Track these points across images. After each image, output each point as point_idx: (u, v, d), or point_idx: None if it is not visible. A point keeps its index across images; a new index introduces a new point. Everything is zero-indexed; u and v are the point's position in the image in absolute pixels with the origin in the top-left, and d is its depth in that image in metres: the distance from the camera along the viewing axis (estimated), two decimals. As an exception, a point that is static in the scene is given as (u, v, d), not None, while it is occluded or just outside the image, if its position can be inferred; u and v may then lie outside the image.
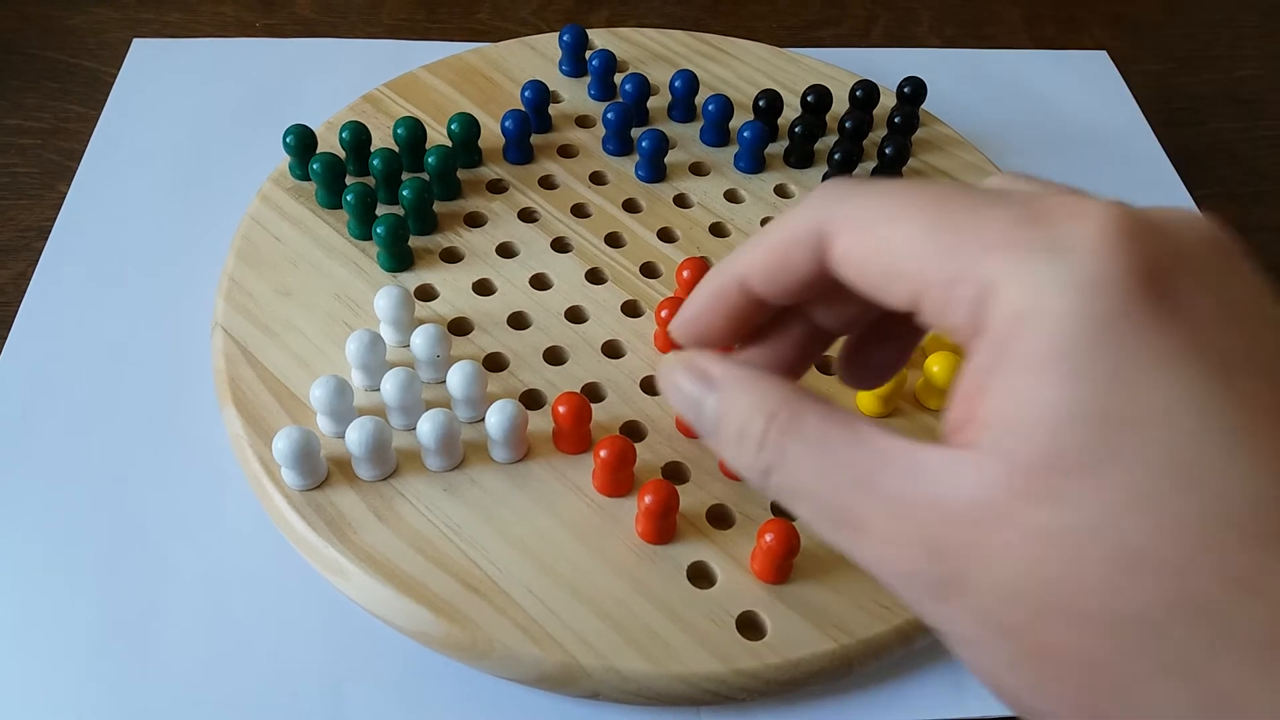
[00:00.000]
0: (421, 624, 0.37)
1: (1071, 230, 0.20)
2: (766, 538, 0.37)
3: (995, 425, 0.19)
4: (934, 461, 0.20)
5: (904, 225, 0.21)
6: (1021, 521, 0.19)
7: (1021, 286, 0.19)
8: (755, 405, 0.23)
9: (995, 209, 0.21)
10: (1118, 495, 0.18)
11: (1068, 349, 0.19)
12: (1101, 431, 0.18)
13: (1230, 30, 0.73)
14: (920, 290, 0.21)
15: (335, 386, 0.40)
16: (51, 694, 0.37)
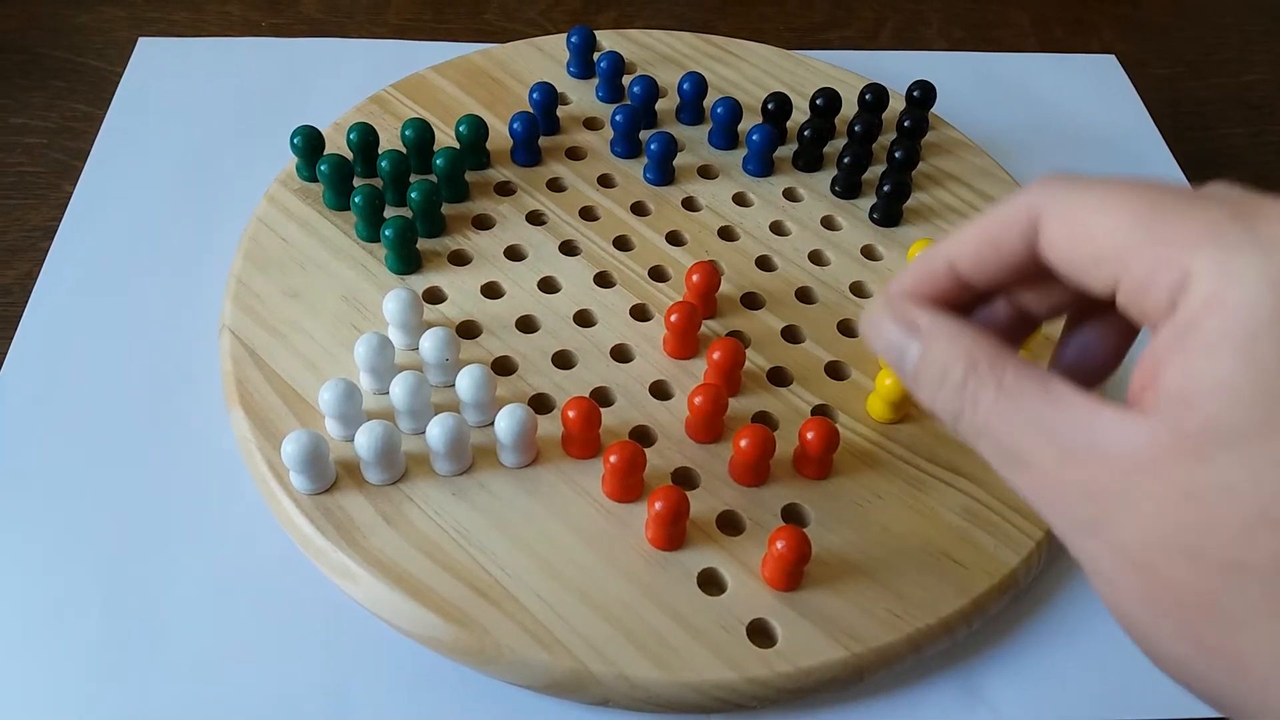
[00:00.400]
0: (429, 628, 0.37)
1: (1269, 228, 0.21)
2: (778, 545, 0.37)
3: (1170, 394, 0.22)
4: (1108, 416, 0.23)
5: (1114, 214, 0.23)
6: (1171, 476, 0.21)
7: (1218, 274, 0.21)
8: (958, 354, 0.25)
9: (1204, 206, 0.22)
10: (1265, 464, 0.20)
11: (1249, 334, 0.21)
12: (1265, 409, 0.20)
13: (1239, 35, 0.73)
14: (1122, 274, 0.23)
15: (344, 390, 0.40)
16: (58, 695, 0.36)
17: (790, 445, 0.42)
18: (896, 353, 0.27)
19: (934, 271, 0.27)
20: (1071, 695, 0.39)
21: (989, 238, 0.26)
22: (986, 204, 0.54)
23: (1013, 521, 0.41)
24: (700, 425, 0.42)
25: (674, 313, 0.44)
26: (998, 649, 0.40)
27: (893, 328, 0.27)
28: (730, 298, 0.48)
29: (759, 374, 0.45)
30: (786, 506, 0.41)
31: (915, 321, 0.27)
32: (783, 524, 0.39)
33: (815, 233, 0.52)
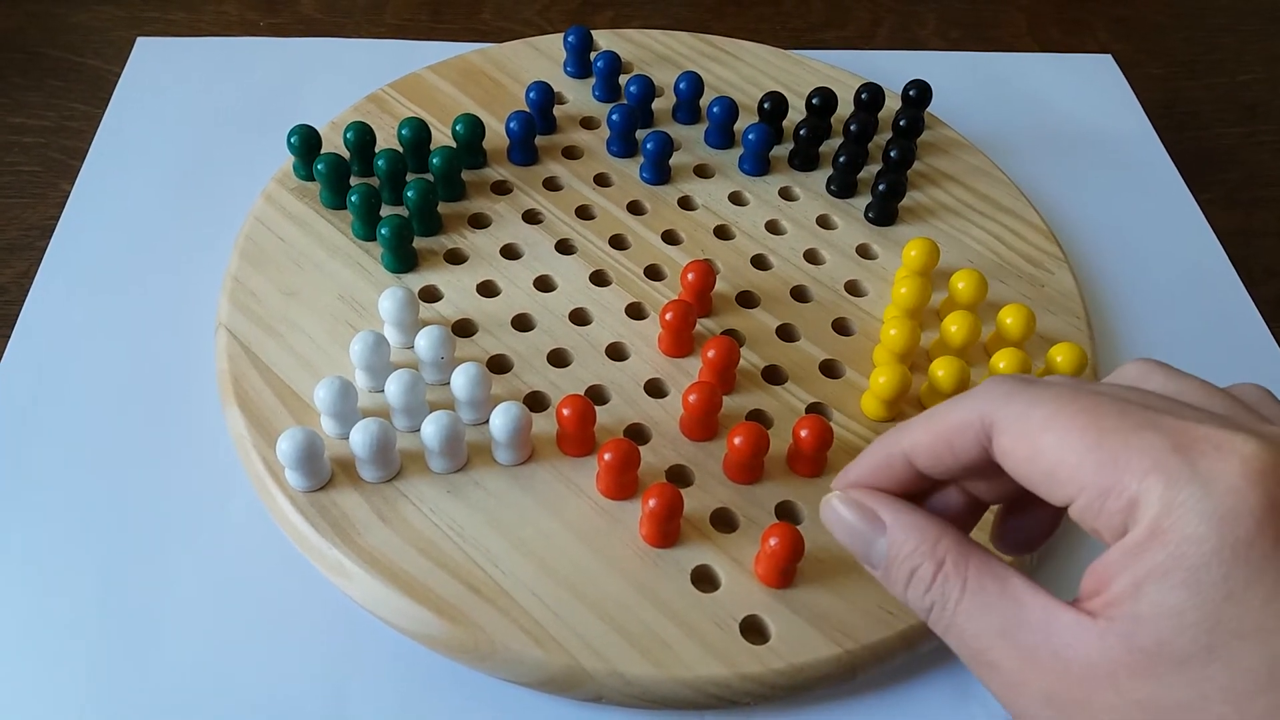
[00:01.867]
0: (424, 625, 0.37)
1: (1214, 466, 0.23)
2: (770, 542, 0.37)
3: (1122, 608, 0.24)
4: (1065, 620, 0.25)
5: (1063, 437, 0.25)
6: (1126, 690, 0.23)
7: (1163, 508, 0.23)
8: (926, 551, 0.28)
9: (1146, 435, 0.24)
10: (1210, 687, 0.23)
11: (1192, 568, 0.23)
12: (1210, 637, 0.23)
13: (1234, 35, 0.73)
14: (1075, 495, 0.25)
15: (339, 388, 0.40)
16: (54, 693, 0.37)
17: (784, 443, 0.42)
18: (862, 543, 0.29)
19: (891, 463, 0.29)
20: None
21: (944, 439, 0.28)
22: (982, 203, 0.54)
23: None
24: (695, 423, 0.42)
25: (669, 311, 0.44)
26: (991, 646, 0.40)
27: (855, 519, 0.29)
28: (725, 296, 0.48)
29: (754, 372, 0.45)
30: (780, 504, 0.41)
31: (878, 515, 0.29)
32: (776, 521, 0.39)
33: (811, 232, 0.52)
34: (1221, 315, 0.53)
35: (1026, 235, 0.53)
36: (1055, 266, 0.51)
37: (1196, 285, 0.54)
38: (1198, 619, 0.23)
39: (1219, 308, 0.54)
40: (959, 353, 0.45)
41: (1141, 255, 0.55)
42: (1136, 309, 0.53)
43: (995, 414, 0.27)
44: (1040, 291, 0.50)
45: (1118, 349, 0.51)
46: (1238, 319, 0.53)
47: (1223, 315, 0.53)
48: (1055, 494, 0.26)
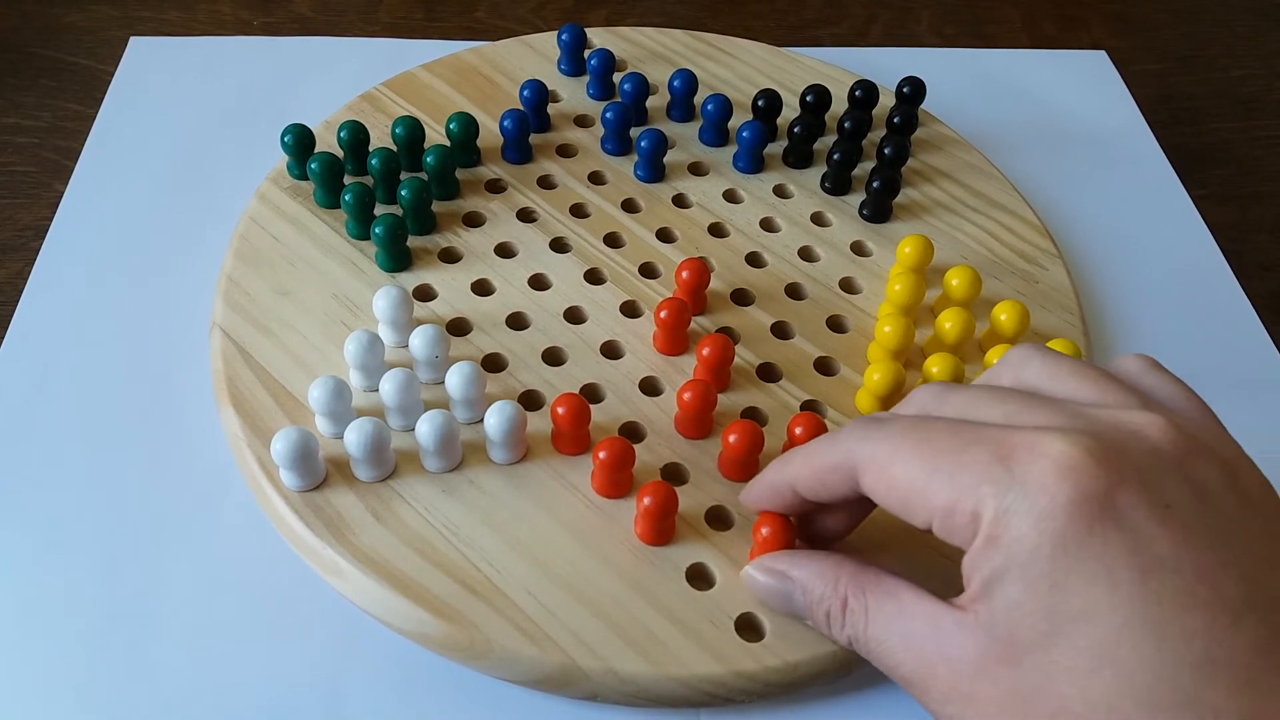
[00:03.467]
0: (420, 625, 0.37)
1: (1029, 470, 0.27)
2: (762, 532, 0.37)
3: (980, 605, 0.27)
4: (946, 623, 0.28)
5: (908, 467, 0.29)
6: (998, 679, 0.27)
7: (994, 514, 0.27)
8: (829, 592, 0.32)
9: (973, 451, 0.28)
10: (1054, 670, 0.26)
11: (1025, 564, 0.26)
12: (1048, 625, 0.26)
13: (1229, 30, 0.73)
14: (930, 518, 0.29)
15: (334, 387, 0.40)
16: (48, 694, 0.37)
17: (779, 440, 0.42)
18: (783, 600, 0.34)
19: (779, 489, 0.34)
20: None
21: (820, 476, 0.32)
22: (977, 199, 0.54)
23: None
24: (690, 421, 0.42)
25: (664, 309, 0.44)
26: (986, 642, 0.40)
27: (770, 581, 0.35)
28: (720, 294, 0.48)
29: (748, 370, 0.45)
30: (775, 502, 0.41)
31: (785, 571, 0.34)
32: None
33: (805, 229, 0.52)
34: (1216, 311, 0.53)
35: (1021, 231, 0.53)
36: (1049, 263, 0.51)
37: (1191, 281, 0.54)
38: (1034, 609, 0.26)
39: (1213, 303, 0.54)
40: (953, 349, 0.45)
41: (1136, 251, 0.56)
42: (1131, 305, 0.53)
43: (856, 455, 0.31)
44: (1034, 288, 0.50)
45: (1112, 345, 0.51)
46: (1232, 314, 0.53)
47: (1217, 311, 0.53)
48: (916, 519, 0.29)
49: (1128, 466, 0.27)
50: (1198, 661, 0.24)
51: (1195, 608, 0.25)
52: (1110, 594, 0.25)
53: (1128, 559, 0.25)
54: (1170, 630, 0.25)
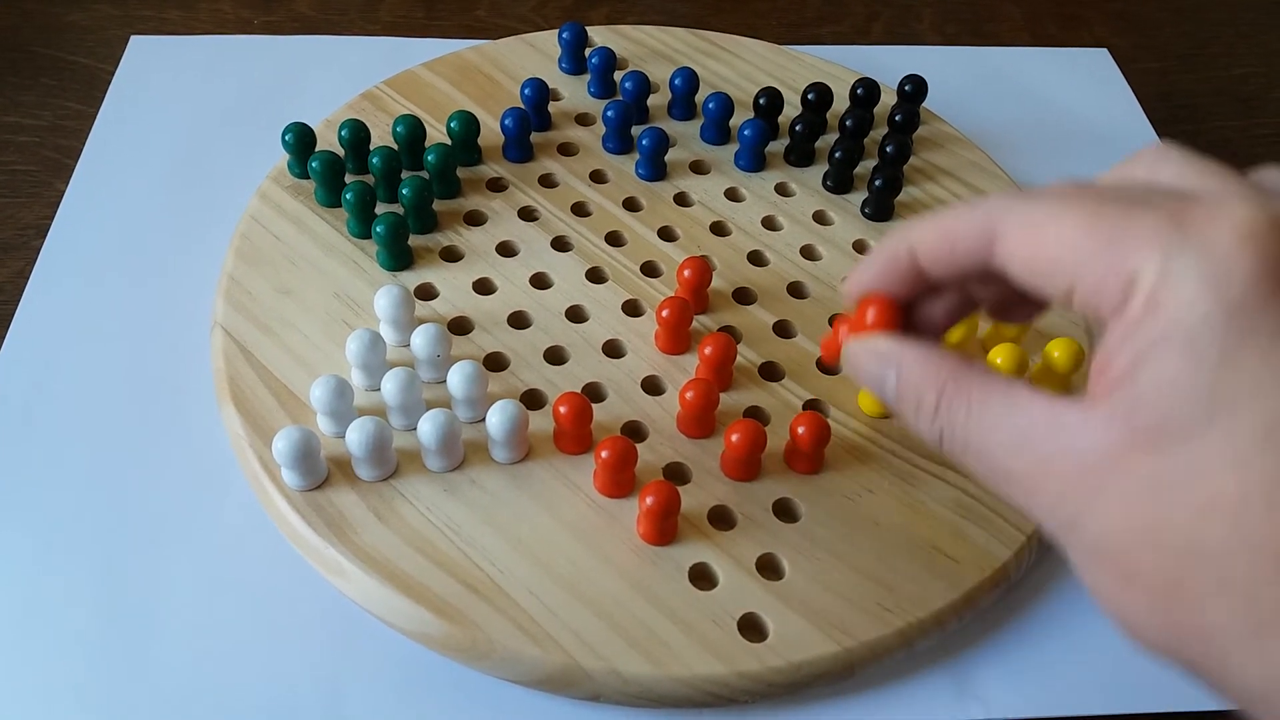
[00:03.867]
0: (421, 624, 0.37)
1: (1207, 234, 0.23)
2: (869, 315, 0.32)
3: (1122, 390, 0.24)
4: (1071, 419, 0.25)
5: (1067, 225, 0.26)
6: (1131, 471, 0.24)
7: (1159, 278, 0.24)
8: (928, 381, 0.29)
9: (1145, 213, 0.24)
10: (1210, 454, 0.23)
11: (1191, 334, 0.23)
12: (1208, 405, 0.23)
13: (1230, 28, 0.73)
14: (1076, 282, 0.25)
15: (335, 386, 0.40)
16: (49, 692, 0.36)
17: (781, 440, 0.42)
18: (879, 384, 0.31)
19: (897, 257, 0.30)
20: (1062, 688, 0.39)
21: (948, 239, 0.29)
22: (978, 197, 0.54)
23: (1004, 515, 0.41)
24: (692, 420, 0.42)
25: (665, 308, 0.44)
26: (989, 643, 0.40)
27: (868, 362, 0.31)
28: (722, 293, 0.48)
29: (750, 369, 0.45)
30: (777, 501, 0.41)
31: (884, 353, 0.30)
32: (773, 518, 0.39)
33: (807, 227, 0.52)
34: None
35: (1023, 230, 0.53)
36: (1052, 261, 0.51)
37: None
38: (1194, 386, 0.23)
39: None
40: (955, 349, 0.45)
41: (1138, 250, 0.55)
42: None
43: (1000, 219, 0.27)
44: (1037, 286, 0.50)
45: (1115, 344, 0.51)
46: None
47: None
48: (1058, 284, 0.26)
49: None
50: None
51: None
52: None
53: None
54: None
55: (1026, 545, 0.41)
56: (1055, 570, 0.42)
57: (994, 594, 0.40)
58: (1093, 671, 0.39)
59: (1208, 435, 0.23)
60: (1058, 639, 0.40)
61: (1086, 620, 0.41)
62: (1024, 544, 0.40)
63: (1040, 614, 0.41)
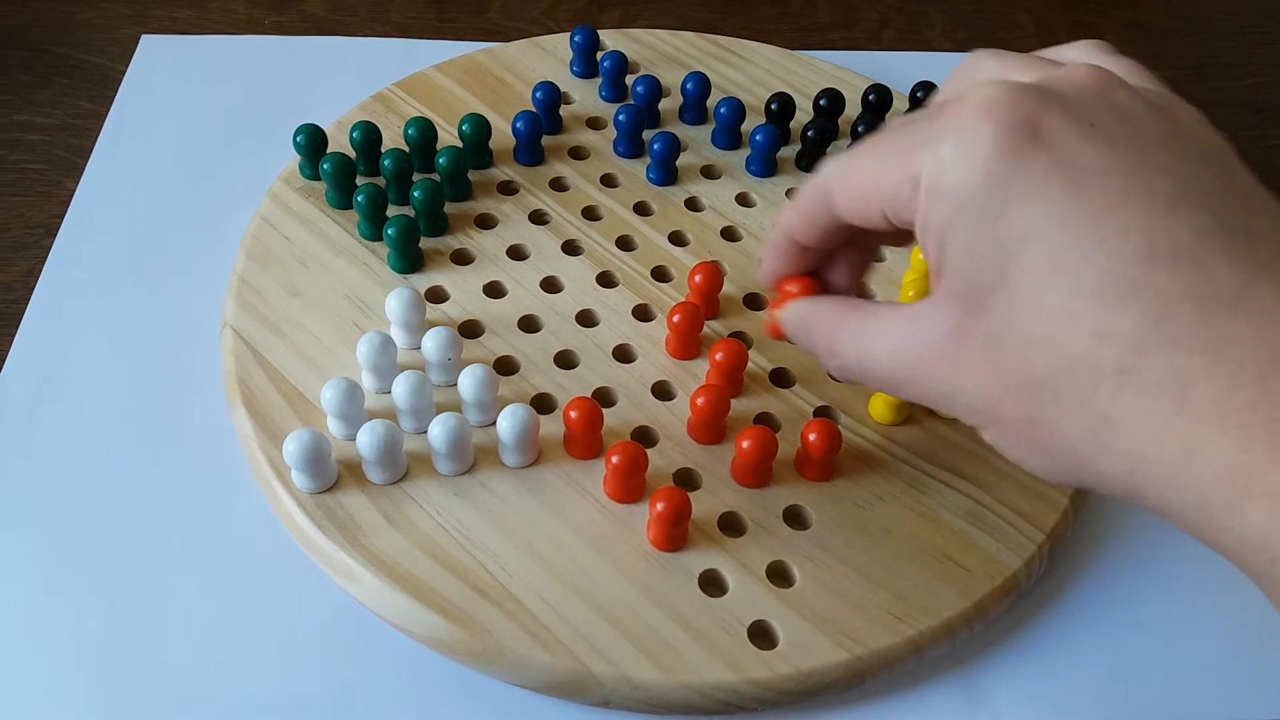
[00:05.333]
0: (431, 628, 0.37)
1: (949, 122, 0.28)
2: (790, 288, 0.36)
3: (944, 273, 0.28)
4: (922, 316, 0.29)
5: (865, 165, 0.30)
6: (972, 334, 0.28)
7: (932, 170, 0.28)
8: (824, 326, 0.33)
9: (914, 125, 0.29)
10: (1015, 299, 0.27)
11: (963, 205, 0.27)
12: (998, 257, 0.27)
13: (1241, 38, 0.73)
14: (883, 204, 0.30)
15: (346, 389, 0.40)
16: (58, 693, 0.36)
17: (792, 447, 0.42)
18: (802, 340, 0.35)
19: (784, 248, 0.35)
20: (1072, 698, 0.39)
21: (806, 216, 0.33)
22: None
23: (1015, 524, 0.41)
24: (702, 426, 0.42)
25: (676, 313, 0.44)
26: (999, 652, 0.40)
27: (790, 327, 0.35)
28: (733, 298, 0.48)
29: (761, 375, 0.45)
30: (788, 508, 0.41)
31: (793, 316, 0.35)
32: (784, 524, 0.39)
33: (818, 234, 0.52)
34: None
35: (1035, 238, 0.53)
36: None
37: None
38: (984, 247, 0.27)
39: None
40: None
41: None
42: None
43: (825, 180, 0.32)
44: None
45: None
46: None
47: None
48: (875, 214, 0.30)
49: (1049, 96, 0.27)
50: (1140, 252, 0.25)
51: (1130, 204, 0.26)
52: (1047, 209, 0.26)
53: (1058, 173, 0.26)
54: (1109, 229, 0.26)
55: (1037, 554, 0.40)
56: (1066, 580, 0.42)
57: (1004, 603, 0.40)
58: (1102, 681, 0.39)
59: (1007, 281, 0.27)
60: (1068, 648, 0.40)
61: (1097, 630, 0.40)
62: (1034, 553, 0.40)
63: (1051, 623, 0.41)
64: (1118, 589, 0.42)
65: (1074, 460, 0.27)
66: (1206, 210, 0.26)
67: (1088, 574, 0.42)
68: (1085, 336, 0.26)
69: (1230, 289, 0.25)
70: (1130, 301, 0.25)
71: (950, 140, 0.27)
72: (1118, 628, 0.40)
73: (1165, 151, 0.27)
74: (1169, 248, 0.25)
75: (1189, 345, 0.25)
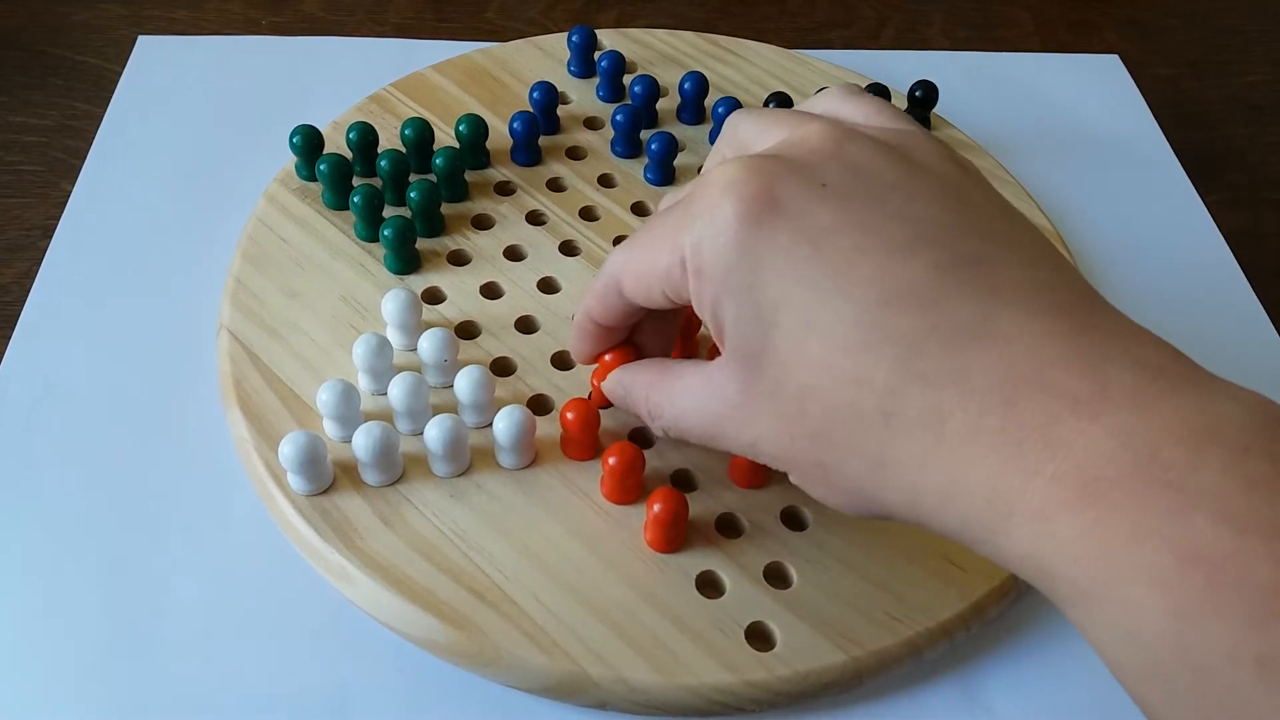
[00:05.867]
0: (427, 630, 0.37)
1: (699, 205, 0.30)
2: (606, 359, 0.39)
3: (724, 339, 0.30)
4: (715, 373, 0.32)
5: (640, 253, 0.33)
6: (757, 393, 0.30)
7: (692, 250, 0.30)
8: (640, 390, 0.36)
9: (671, 213, 0.31)
10: (781, 358, 0.29)
11: (724, 279, 0.29)
12: (760, 323, 0.29)
13: (1241, 35, 0.73)
14: (663, 287, 0.32)
15: (342, 391, 0.39)
16: (54, 697, 0.36)
17: (790, 447, 0.42)
18: (624, 404, 0.38)
19: (588, 330, 0.38)
20: (1070, 699, 0.39)
21: (602, 301, 0.36)
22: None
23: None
24: (699, 427, 0.42)
25: (674, 314, 0.44)
26: (997, 653, 0.40)
27: (612, 393, 0.38)
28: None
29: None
30: (785, 509, 0.41)
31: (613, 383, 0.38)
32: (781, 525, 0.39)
33: (816, 233, 0.51)
34: (1228, 316, 0.53)
35: (1033, 237, 0.52)
36: (1062, 269, 0.51)
37: (1203, 286, 0.54)
38: (748, 316, 0.29)
39: (1226, 309, 0.53)
40: None
41: (1148, 256, 0.55)
42: (1143, 310, 0.52)
43: (612, 270, 0.34)
44: (1047, 294, 0.50)
45: (1125, 352, 0.50)
46: (1245, 320, 0.53)
47: (1230, 316, 0.53)
48: (656, 296, 0.32)
49: (781, 167, 0.29)
50: (880, 299, 0.27)
51: (866, 255, 0.27)
52: (793, 271, 0.28)
53: (799, 236, 0.28)
54: (850, 281, 0.27)
55: (1036, 555, 0.40)
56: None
57: (1002, 604, 0.40)
58: (1101, 682, 0.39)
59: (771, 344, 0.29)
60: (1066, 649, 0.40)
61: (1096, 631, 0.40)
62: (1033, 554, 0.40)
63: (1049, 624, 0.41)
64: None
65: (863, 496, 0.29)
66: (942, 247, 0.27)
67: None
68: (845, 386, 0.27)
69: (969, 320, 0.26)
70: (878, 347, 0.27)
71: (702, 221, 0.29)
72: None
73: (897, 196, 0.29)
74: (908, 290, 0.27)
75: (938, 380, 0.26)
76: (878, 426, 0.27)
